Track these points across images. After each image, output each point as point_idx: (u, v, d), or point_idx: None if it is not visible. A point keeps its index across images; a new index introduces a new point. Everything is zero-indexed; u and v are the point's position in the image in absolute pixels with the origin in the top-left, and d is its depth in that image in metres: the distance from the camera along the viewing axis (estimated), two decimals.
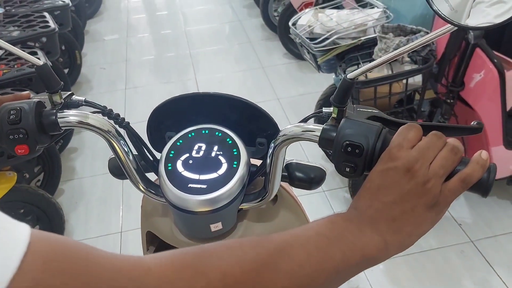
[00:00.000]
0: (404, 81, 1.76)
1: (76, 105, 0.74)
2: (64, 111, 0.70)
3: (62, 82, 0.71)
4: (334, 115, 0.68)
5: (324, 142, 0.65)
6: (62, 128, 0.69)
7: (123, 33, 4.62)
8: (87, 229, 2.36)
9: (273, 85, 3.40)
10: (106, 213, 2.45)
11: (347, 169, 0.61)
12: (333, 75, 2.31)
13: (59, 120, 0.68)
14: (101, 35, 4.61)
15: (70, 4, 2.93)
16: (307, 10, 2.30)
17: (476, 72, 1.86)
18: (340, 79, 1.95)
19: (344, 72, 1.90)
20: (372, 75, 1.81)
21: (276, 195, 0.83)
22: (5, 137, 0.66)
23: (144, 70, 3.89)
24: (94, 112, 0.73)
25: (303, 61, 3.23)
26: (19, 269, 0.30)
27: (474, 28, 0.58)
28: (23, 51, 0.72)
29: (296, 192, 0.93)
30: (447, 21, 0.58)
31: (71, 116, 0.69)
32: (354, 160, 0.60)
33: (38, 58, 0.73)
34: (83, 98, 0.76)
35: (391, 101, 1.81)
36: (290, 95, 3.24)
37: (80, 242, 0.36)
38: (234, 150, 0.78)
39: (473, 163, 0.55)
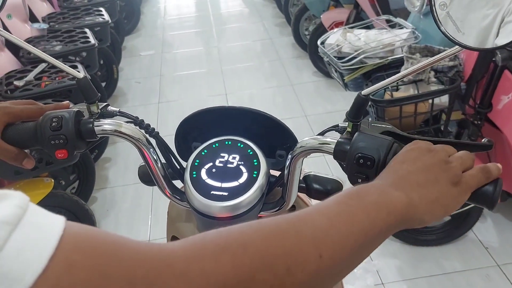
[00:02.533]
0: (430, 101, 1.77)
1: (111, 115, 0.81)
2: (100, 120, 0.76)
3: (99, 94, 0.78)
4: (348, 129, 0.72)
5: (338, 154, 0.69)
6: (98, 135, 0.75)
7: (158, 49, 4.78)
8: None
9: (301, 102, 3.45)
10: (135, 221, 2.53)
11: (359, 180, 0.65)
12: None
13: (95, 128, 0.75)
14: (138, 51, 4.78)
15: (110, 21, 3.08)
16: (336, 29, 2.34)
17: (504, 94, 1.86)
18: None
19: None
20: (397, 95, 1.83)
21: (293, 205, 0.87)
22: (47, 142, 0.73)
23: (177, 85, 4.01)
24: (127, 122, 0.80)
25: (332, 80, 3.27)
26: (56, 249, 0.33)
27: (479, 49, 0.62)
28: (65, 64, 0.80)
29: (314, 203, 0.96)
30: (454, 42, 0.61)
31: (106, 124, 0.76)
32: (366, 172, 0.64)
33: (78, 71, 0.80)
34: (118, 109, 0.82)
35: (416, 121, 1.82)
36: (317, 112, 3.28)
37: (110, 232, 0.40)
38: (255, 160, 0.82)
39: (491, 164, 0.59)
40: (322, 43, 2.28)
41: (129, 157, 2.96)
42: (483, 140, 0.73)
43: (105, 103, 0.80)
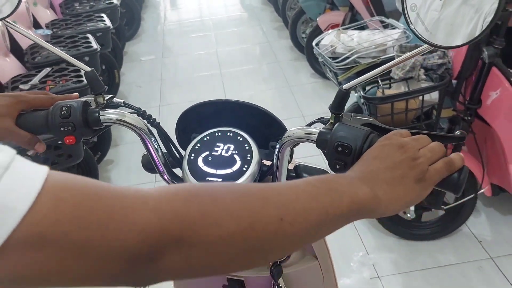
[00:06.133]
0: (420, 97, 1.84)
1: (116, 106, 0.88)
2: (106, 110, 0.83)
3: (105, 86, 0.85)
4: (331, 121, 0.78)
5: (320, 142, 0.75)
6: (103, 124, 0.82)
7: (158, 54, 4.86)
8: None
9: (299, 103, 3.52)
10: None
11: (338, 166, 0.70)
12: (354, 93, 2.41)
13: (101, 117, 0.82)
14: (138, 56, 4.86)
15: (111, 27, 3.15)
16: (330, 31, 2.42)
17: (492, 90, 1.92)
18: (360, 96, 2.02)
19: (363, 89, 2.00)
20: (389, 92, 1.90)
21: None
22: (57, 129, 0.80)
23: (177, 89, 4.09)
24: (131, 113, 0.87)
25: (329, 81, 3.34)
26: (43, 187, 0.38)
27: (442, 47, 0.68)
28: (75, 58, 0.87)
29: None
30: (423, 40, 0.68)
31: (111, 114, 0.83)
32: (344, 159, 0.69)
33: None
34: (122, 101, 0.89)
35: (408, 117, 1.89)
36: (315, 112, 3.35)
37: (93, 180, 0.43)
38: (248, 150, 0.89)
39: (454, 155, 0.65)
40: (317, 44, 2.35)
41: (131, 159, 3.03)
42: (456, 132, 0.79)
43: (111, 95, 0.87)
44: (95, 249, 0.38)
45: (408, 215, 2.19)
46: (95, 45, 2.69)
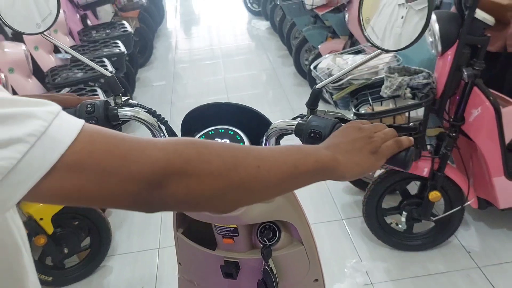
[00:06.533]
0: (407, 114, 2.01)
1: (132, 105, 1.05)
2: (123, 108, 1.01)
3: (123, 89, 1.03)
4: (307, 115, 0.96)
5: (297, 131, 0.92)
6: (121, 119, 1.00)
7: (169, 80, 5.10)
8: (129, 244, 2.66)
9: None
10: (145, 232, 2.75)
11: None
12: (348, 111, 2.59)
13: (119, 113, 0.99)
14: (150, 81, 5.10)
15: (125, 52, 3.39)
16: (327, 55, 2.61)
17: (474, 108, 2.08)
18: (352, 113, 2.17)
19: (355, 107, 2.17)
20: (378, 109, 2.07)
21: None
22: None
23: (185, 111, 4.20)
24: (144, 111, 1.05)
25: (329, 104, 3.53)
26: (81, 129, 0.53)
27: (389, 51, 0.86)
28: (94, 65, 1.05)
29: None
30: (375, 46, 0.86)
31: (128, 111, 1.00)
32: (316, 144, 0.83)
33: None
34: (136, 102, 1.07)
35: None
36: None
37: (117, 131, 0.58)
38: (241, 144, 1.06)
39: (403, 137, 0.80)
40: (315, 67, 2.54)
41: None
42: (410, 124, 0.96)
43: (127, 97, 1.05)
44: (119, 175, 0.54)
45: (400, 226, 2.32)
46: (110, 67, 2.91)
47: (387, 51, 0.85)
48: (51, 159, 0.51)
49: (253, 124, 1.11)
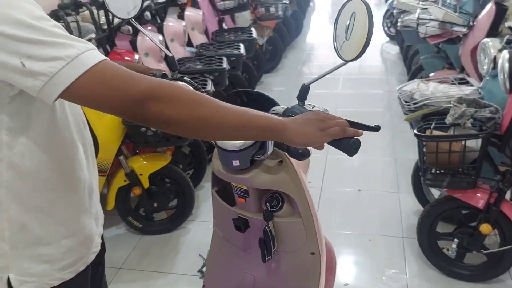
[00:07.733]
0: (463, 142, 2.09)
1: (185, 81, 1.42)
2: (176, 81, 1.38)
3: (178, 67, 1.41)
4: None
5: (283, 114, 1.19)
6: None
7: (289, 87, 5.46)
8: (209, 215, 3.07)
9: (395, 145, 3.82)
10: None
11: None
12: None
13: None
14: (271, 86, 5.54)
15: (244, 54, 3.85)
16: (414, 80, 2.75)
17: None
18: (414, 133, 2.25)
19: (418, 128, 2.29)
20: (436, 133, 2.18)
21: (281, 161, 1.35)
22: None
23: None
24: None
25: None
26: (94, 65, 0.81)
27: (348, 61, 1.07)
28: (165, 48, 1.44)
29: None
30: (341, 58, 1.09)
31: (178, 82, 1.38)
32: None
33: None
34: (189, 79, 1.44)
35: (451, 158, 2.14)
36: (408, 158, 3.59)
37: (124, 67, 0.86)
38: None
39: (351, 129, 1.01)
40: (400, 88, 2.70)
41: None
42: (373, 125, 1.13)
43: (182, 75, 1.43)
44: (120, 91, 0.83)
45: (450, 252, 2.37)
46: (225, 65, 3.38)
47: (346, 61, 1.08)
48: (78, 72, 0.81)
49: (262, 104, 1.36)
